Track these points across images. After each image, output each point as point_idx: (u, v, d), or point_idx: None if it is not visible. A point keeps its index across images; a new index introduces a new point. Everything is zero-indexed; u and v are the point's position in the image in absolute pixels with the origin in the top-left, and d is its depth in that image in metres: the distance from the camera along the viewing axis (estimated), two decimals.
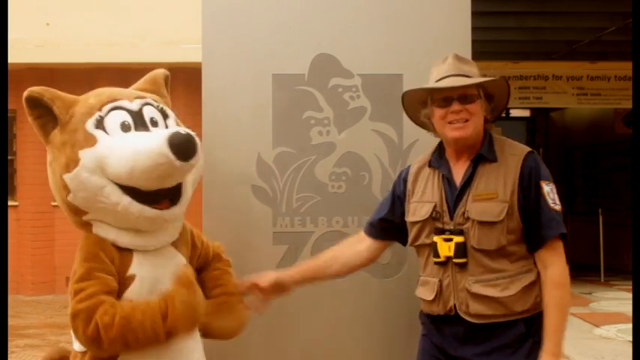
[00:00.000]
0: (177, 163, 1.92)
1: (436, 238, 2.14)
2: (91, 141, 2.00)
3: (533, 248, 2.12)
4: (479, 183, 2.13)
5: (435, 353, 2.23)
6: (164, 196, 2.05)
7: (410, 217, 2.25)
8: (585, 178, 13.13)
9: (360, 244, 2.39)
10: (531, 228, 2.10)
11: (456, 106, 2.11)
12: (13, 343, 6.07)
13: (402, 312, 2.46)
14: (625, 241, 9.78)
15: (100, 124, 2.02)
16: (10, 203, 9.17)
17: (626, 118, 10.66)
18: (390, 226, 2.34)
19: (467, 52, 2.65)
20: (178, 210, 2.12)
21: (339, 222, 2.66)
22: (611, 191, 11.99)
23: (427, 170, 2.26)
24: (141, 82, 2.33)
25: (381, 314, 2.65)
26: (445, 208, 2.16)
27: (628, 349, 5.61)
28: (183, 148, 1.92)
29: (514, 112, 13.35)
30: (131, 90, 2.22)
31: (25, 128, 9.36)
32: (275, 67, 2.66)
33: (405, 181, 2.32)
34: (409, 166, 2.36)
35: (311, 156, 2.66)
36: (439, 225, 2.15)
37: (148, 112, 2.10)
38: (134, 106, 2.09)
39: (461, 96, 2.11)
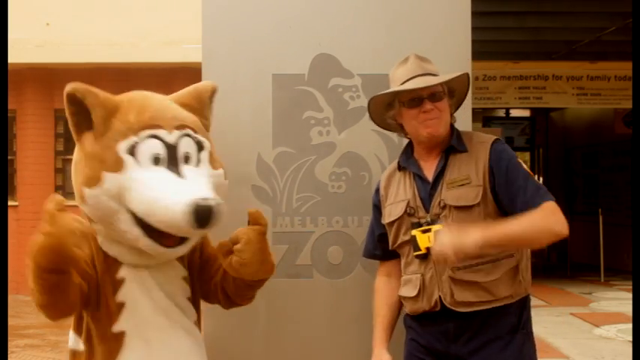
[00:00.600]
0: (197, 231, 1.93)
1: (414, 232, 2.16)
2: (118, 166, 1.96)
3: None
4: (451, 172, 2.17)
5: (423, 355, 2.23)
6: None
7: (386, 219, 2.28)
8: (585, 178, 13.13)
9: (388, 280, 2.36)
10: (516, 202, 2.09)
11: (427, 105, 2.16)
12: (13, 343, 6.06)
13: (401, 312, 2.45)
14: (625, 241, 9.78)
15: (132, 150, 1.97)
16: (10, 203, 9.17)
17: (626, 118, 10.67)
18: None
19: (467, 52, 2.66)
20: (184, 249, 2.09)
21: (339, 222, 2.66)
22: (611, 191, 12.00)
23: (398, 174, 2.31)
24: (186, 95, 2.24)
25: None
26: (419, 203, 2.19)
27: (628, 349, 5.61)
28: (205, 220, 1.90)
29: (514, 112, 13.37)
30: (175, 112, 2.12)
31: (25, 128, 9.39)
32: (275, 67, 2.66)
33: (378, 189, 2.37)
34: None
35: (311, 156, 2.66)
36: (415, 220, 2.18)
37: (184, 146, 2.04)
38: (172, 138, 2.02)
39: (430, 95, 2.16)
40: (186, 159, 2.05)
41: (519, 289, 2.14)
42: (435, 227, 2.12)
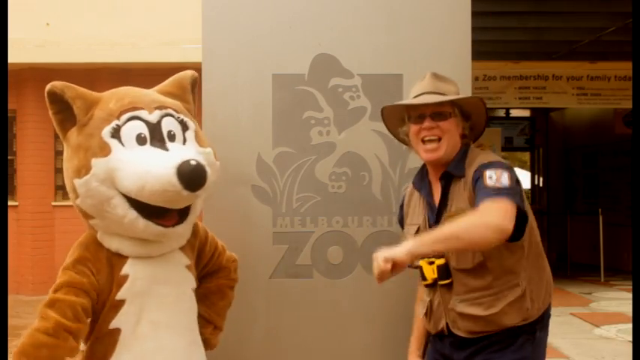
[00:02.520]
0: (185, 192, 1.94)
1: (421, 263, 2.15)
2: (105, 150, 1.99)
3: None
4: (451, 203, 2.13)
5: (439, 357, 2.26)
6: (172, 211, 2.05)
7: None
8: (585, 178, 13.11)
9: None
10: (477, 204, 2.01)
11: (427, 123, 2.13)
12: (13, 344, 6.04)
13: (401, 312, 2.46)
14: (625, 241, 9.78)
15: (116, 133, 2.01)
16: (10, 203, 9.16)
17: (626, 118, 10.65)
18: None
19: (467, 52, 2.66)
20: (183, 228, 2.12)
21: (339, 222, 2.66)
22: (611, 191, 11.99)
23: (416, 193, 2.29)
24: (167, 84, 2.31)
25: (381, 314, 2.65)
26: (428, 230, 2.15)
27: (628, 349, 5.60)
28: (191, 179, 1.94)
29: (514, 112, 13.35)
30: (153, 96, 2.19)
31: (25, 128, 9.37)
32: (275, 67, 2.66)
33: (402, 206, 2.37)
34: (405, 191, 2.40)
35: (311, 156, 2.66)
36: None
37: (167, 125, 2.09)
38: (153, 117, 2.07)
39: (434, 113, 2.13)
40: (171, 137, 2.09)
41: (529, 314, 2.11)
42: (437, 261, 2.10)
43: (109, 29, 8.80)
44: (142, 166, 1.96)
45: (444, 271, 2.11)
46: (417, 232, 2.20)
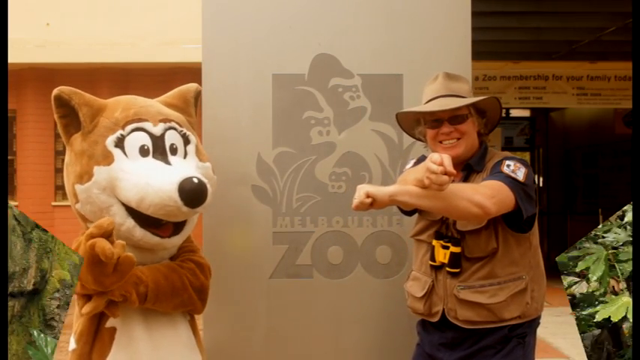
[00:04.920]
0: (185, 209, 1.98)
1: (435, 242, 2.15)
2: (108, 158, 2.03)
3: None
4: None
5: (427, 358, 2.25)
6: (168, 223, 2.08)
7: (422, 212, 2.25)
8: (585, 178, 13.11)
9: None
10: None
11: (445, 128, 2.15)
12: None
13: (402, 312, 2.46)
14: None
15: (120, 143, 2.05)
16: (10, 203, 9.16)
17: (626, 118, 10.65)
18: None
19: (467, 52, 2.66)
20: (179, 239, 2.15)
21: (339, 222, 2.66)
22: (611, 191, 11.98)
23: None
24: (170, 96, 2.34)
25: (381, 314, 2.65)
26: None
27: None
28: (191, 197, 1.97)
29: (514, 112, 13.36)
30: (158, 108, 2.22)
31: (25, 128, 9.38)
32: (275, 67, 2.66)
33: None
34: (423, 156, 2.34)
35: (311, 156, 2.66)
36: (443, 230, 2.16)
37: (170, 138, 2.13)
38: (157, 130, 2.11)
39: (451, 117, 2.14)
40: (174, 150, 2.13)
41: (528, 310, 2.12)
42: (453, 249, 2.10)
43: (109, 29, 8.80)
44: (144, 178, 1.99)
45: (456, 260, 2.10)
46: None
